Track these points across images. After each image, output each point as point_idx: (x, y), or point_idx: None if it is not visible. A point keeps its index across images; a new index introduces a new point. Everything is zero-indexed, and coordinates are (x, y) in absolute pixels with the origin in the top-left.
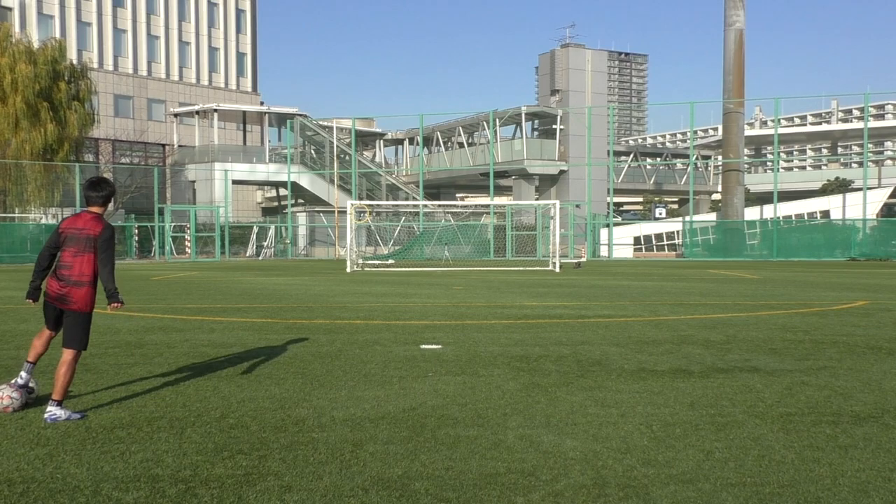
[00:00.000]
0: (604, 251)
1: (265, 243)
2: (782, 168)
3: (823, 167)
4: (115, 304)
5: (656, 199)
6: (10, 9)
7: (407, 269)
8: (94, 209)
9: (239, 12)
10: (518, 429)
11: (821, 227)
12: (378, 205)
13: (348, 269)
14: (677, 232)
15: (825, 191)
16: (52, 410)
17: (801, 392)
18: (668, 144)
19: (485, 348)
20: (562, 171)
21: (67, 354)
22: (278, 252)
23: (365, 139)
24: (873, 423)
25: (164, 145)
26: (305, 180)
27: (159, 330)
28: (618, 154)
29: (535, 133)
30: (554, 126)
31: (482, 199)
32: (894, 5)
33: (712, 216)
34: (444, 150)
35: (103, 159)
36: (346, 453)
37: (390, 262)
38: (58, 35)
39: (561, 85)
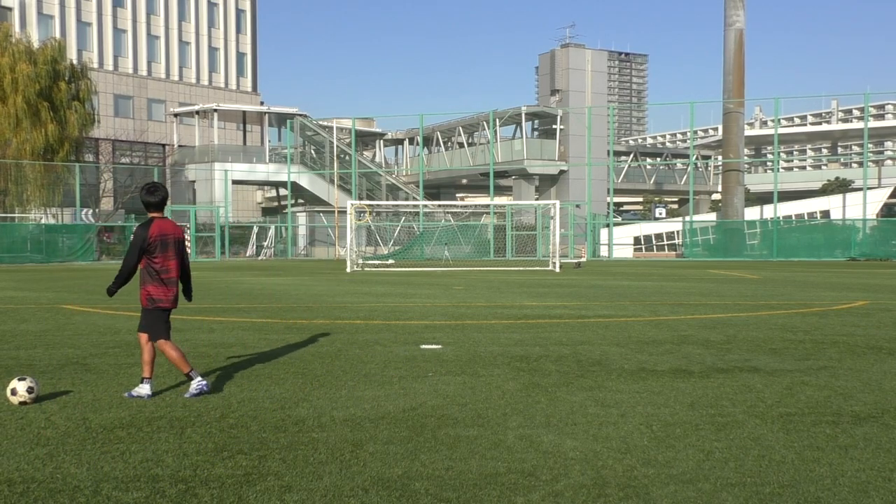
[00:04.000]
0: (604, 251)
1: (265, 243)
2: (782, 168)
3: (823, 167)
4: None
5: (656, 199)
6: (10, 9)
7: (407, 269)
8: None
9: (239, 12)
10: (518, 429)
11: (821, 227)
12: (378, 205)
13: (348, 269)
14: (677, 232)
15: (825, 191)
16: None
17: (801, 392)
18: (668, 144)
19: (485, 348)
20: (562, 171)
21: None
22: (278, 252)
23: (365, 139)
24: (873, 423)
25: (164, 145)
26: (305, 180)
27: None
28: (618, 154)
29: (535, 133)
30: (554, 126)
31: (482, 199)
32: (894, 5)
33: (712, 216)
34: (444, 150)
35: (103, 159)
36: (346, 453)
37: (390, 262)
38: (58, 35)
39: (561, 85)
